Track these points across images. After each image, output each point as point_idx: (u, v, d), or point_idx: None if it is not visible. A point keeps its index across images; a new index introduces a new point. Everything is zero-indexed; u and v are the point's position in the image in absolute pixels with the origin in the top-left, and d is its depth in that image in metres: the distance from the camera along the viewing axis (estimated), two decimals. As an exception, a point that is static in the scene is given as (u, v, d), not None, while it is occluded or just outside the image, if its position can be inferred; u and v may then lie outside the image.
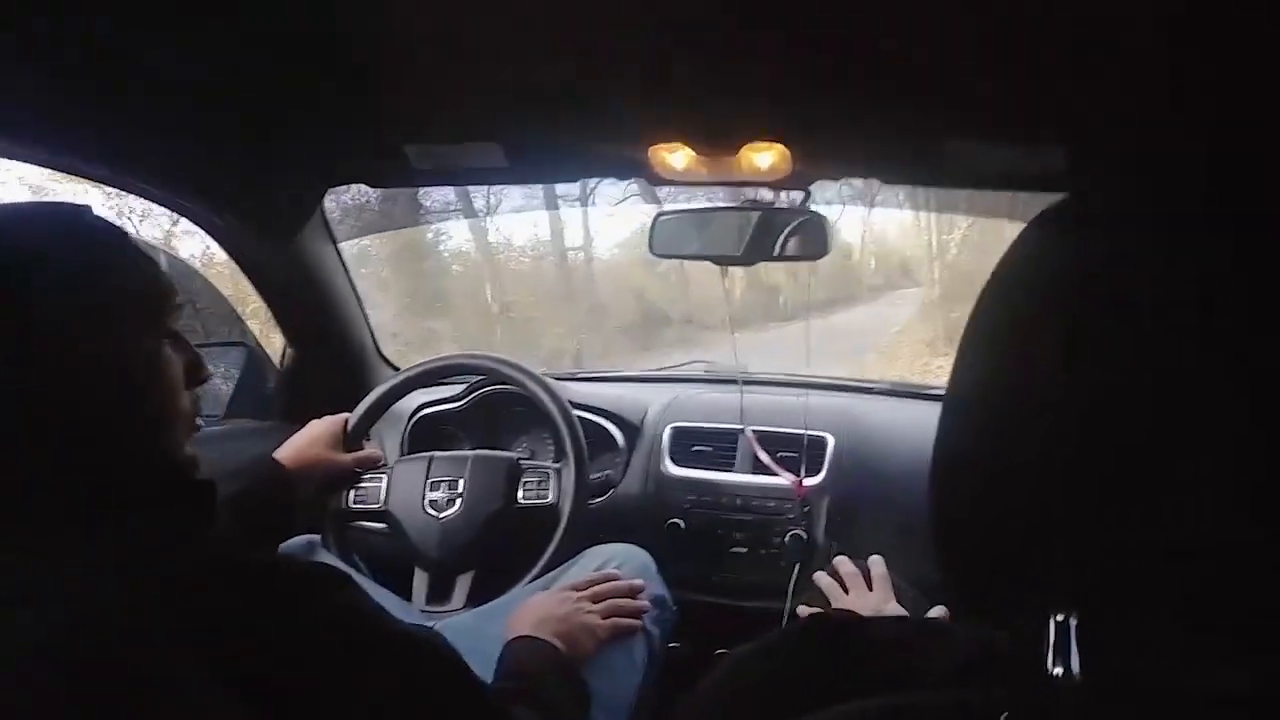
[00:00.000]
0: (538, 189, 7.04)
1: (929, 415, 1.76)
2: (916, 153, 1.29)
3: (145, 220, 3.68)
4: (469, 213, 6.94)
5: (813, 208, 1.49)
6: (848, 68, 1.09)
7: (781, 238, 1.51)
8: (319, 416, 1.67)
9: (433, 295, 7.87)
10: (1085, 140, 1.14)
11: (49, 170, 1.42)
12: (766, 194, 1.53)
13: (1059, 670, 0.47)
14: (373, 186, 1.70)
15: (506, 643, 1.20)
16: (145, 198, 1.56)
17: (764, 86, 1.16)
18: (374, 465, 1.71)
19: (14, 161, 1.31)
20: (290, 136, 1.44)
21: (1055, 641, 0.48)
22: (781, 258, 1.51)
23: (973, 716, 0.49)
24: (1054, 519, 0.48)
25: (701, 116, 1.28)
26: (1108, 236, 0.49)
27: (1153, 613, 0.46)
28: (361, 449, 1.71)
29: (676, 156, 1.37)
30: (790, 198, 1.53)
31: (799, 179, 1.42)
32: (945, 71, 1.07)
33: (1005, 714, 0.46)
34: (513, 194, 7.40)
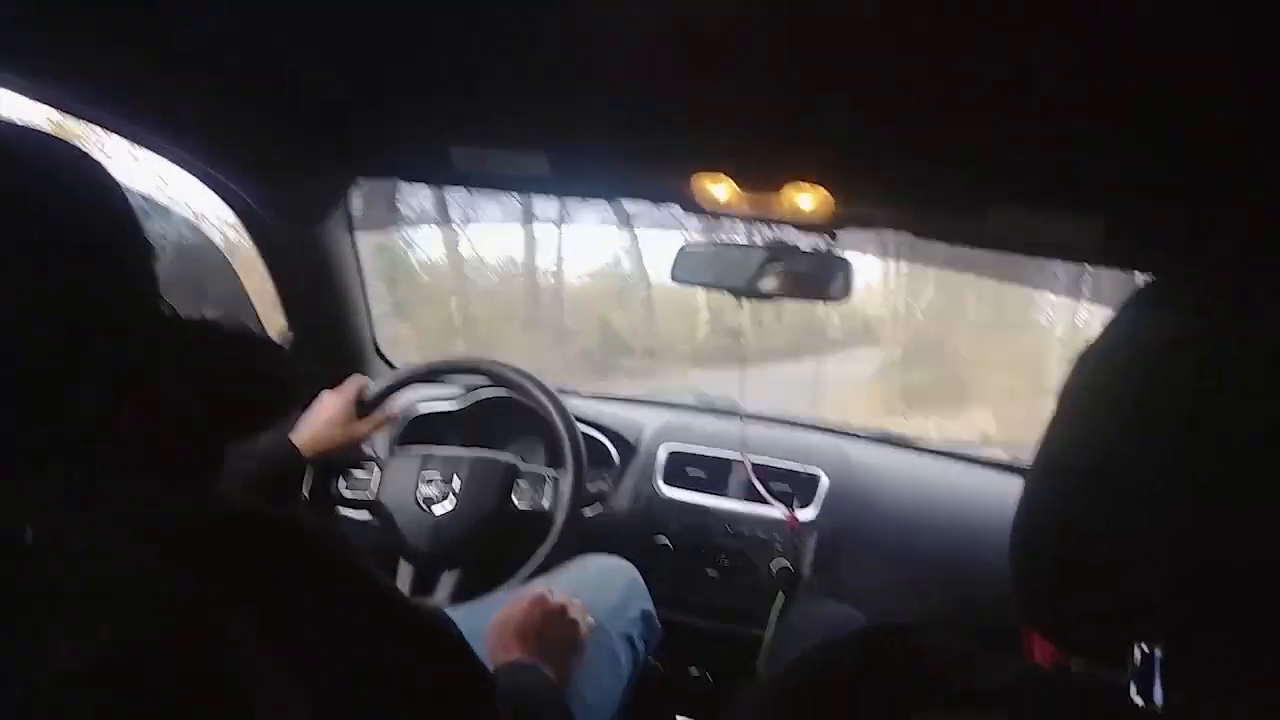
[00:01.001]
0: (515, 208, 7.05)
1: (915, 465, 1.80)
2: (958, 213, 1.33)
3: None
4: (443, 222, 6.91)
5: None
6: (902, 123, 1.14)
7: (803, 277, 1.54)
8: (312, 402, 1.66)
9: (398, 299, 7.80)
10: (1130, 215, 1.19)
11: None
12: (785, 234, 1.57)
13: (1140, 700, 0.50)
14: (407, 181, 1.72)
15: (497, 667, 1.16)
16: (174, 161, 1.56)
17: (817, 130, 1.20)
18: (389, 423, 1.72)
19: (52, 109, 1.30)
20: (334, 122, 1.46)
21: (1139, 671, 0.51)
22: (802, 296, 1.54)
23: None
24: (1143, 550, 0.52)
25: (751, 151, 1.31)
26: (1218, 314, 0.53)
27: (1236, 651, 0.50)
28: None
29: (719, 188, 1.39)
30: (815, 240, 1.58)
31: (834, 223, 1.46)
32: (995, 138, 1.12)
33: None
34: (490, 210, 7.38)
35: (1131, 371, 0.56)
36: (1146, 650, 0.51)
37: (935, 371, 8.26)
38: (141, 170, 1.60)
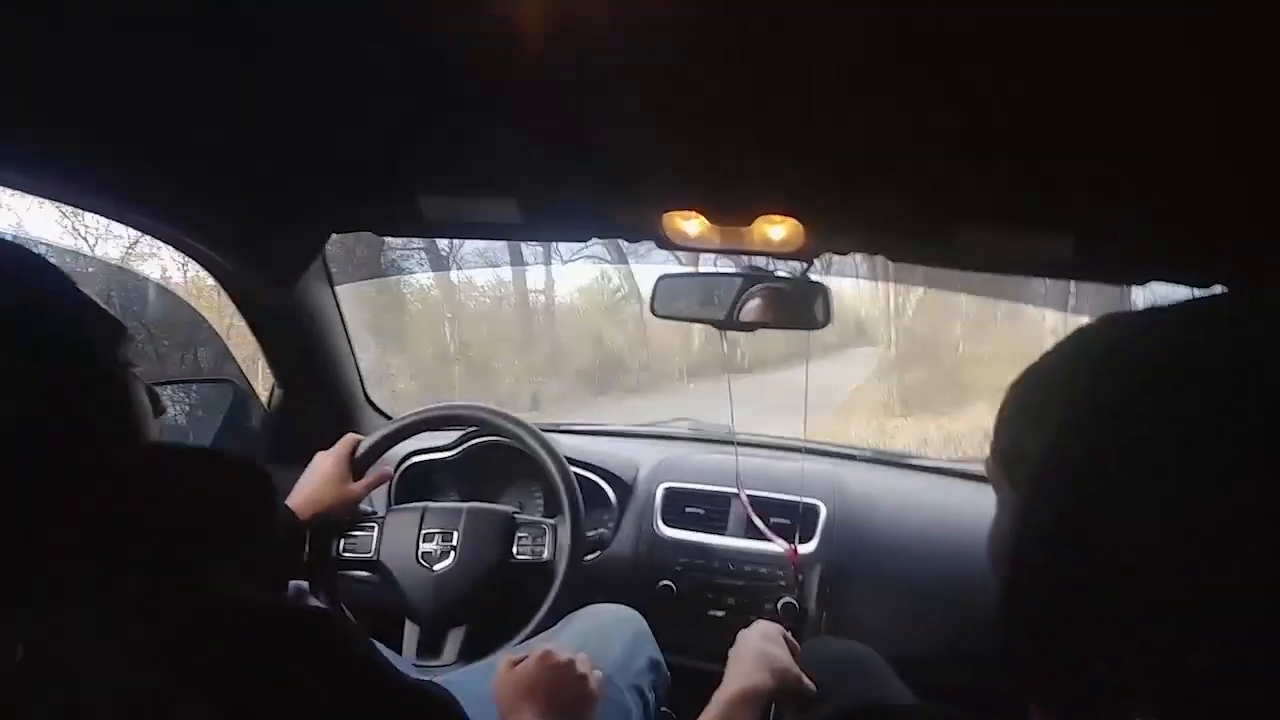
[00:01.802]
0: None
1: (913, 486, 1.79)
2: (926, 235, 1.33)
3: (103, 241, 3.62)
4: (431, 250, 6.92)
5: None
6: (864, 150, 1.13)
7: (783, 306, 1.54)
8: (304, 458, 1.64)
9: (391, 331, 7.81)
10: (1100, 232, 1.19)
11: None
12: (764, 261, 1.56)
13: None
14: (380, 235, 1.71)
15: None
16: (141, 230, 1.55)
17: (782, 163, 1.20)
18: (384, 482, 1.71)
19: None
20: (300, 182, 1.45)
21: None
22: (783, 325, 1.53)
23: None
24: (1144, 624, 0.50)
25: (720, 187, 1.31)
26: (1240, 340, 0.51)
27: None
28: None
29: (690, 224, 1.40)
30: (792, 268, 1.57)
31: (807, 252, 1.45)
32: (956, 160, 1.12)
33: None
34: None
35: (1135, 403, 0.52)
36: None
37: (931, 371, 8.29)
38: (114, 241, 1.60)
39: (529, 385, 8.12)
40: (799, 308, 1.50)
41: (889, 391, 8.20)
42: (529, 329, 9.04)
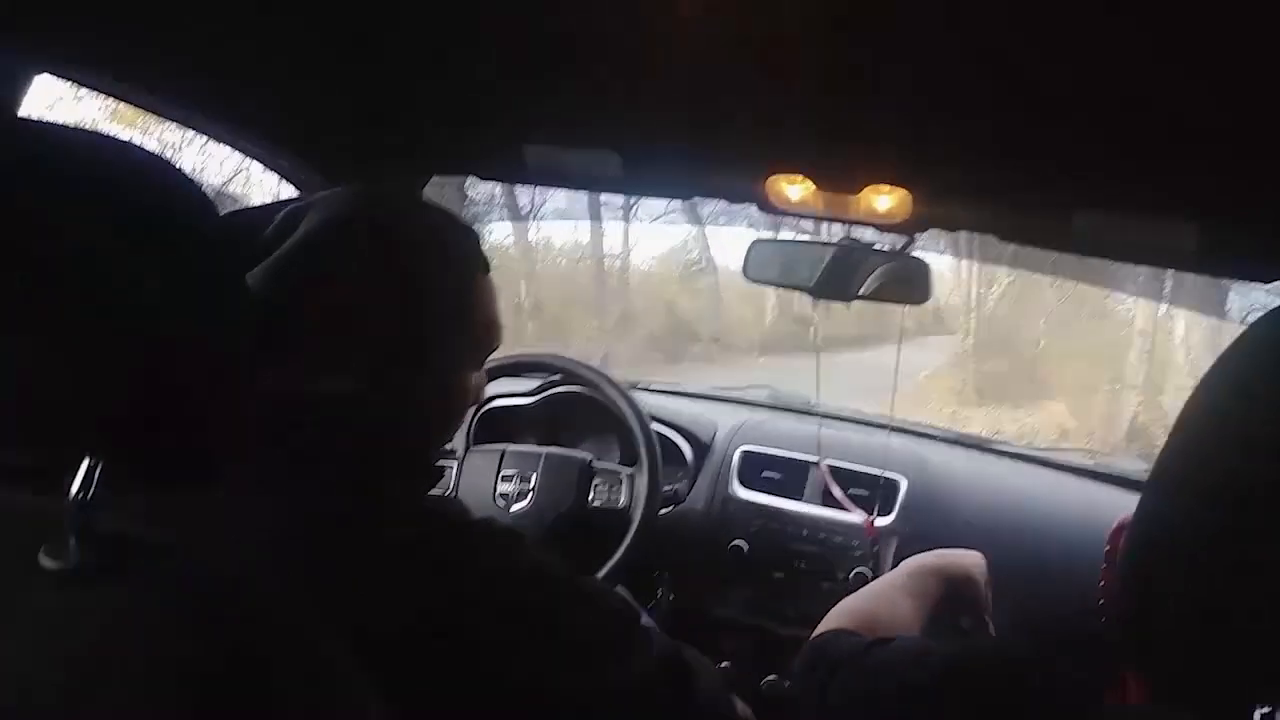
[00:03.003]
0: (582, 195, 7.09)
1: (995, 470, 1.75)
2: (1044, 217, 1.29)
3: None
4: (511, 207, 6.98)
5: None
6: (986, 125, 1.10)
7: (883, 278, 1.51)
8: None
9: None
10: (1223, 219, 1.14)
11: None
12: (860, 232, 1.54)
13: None
14: (482, 179, 1.72)
15: None
16: (254, 158, 1.57)
17: (897, 131, 1.17)
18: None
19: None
20: (410, 120, 1.46)
21: None
22: (881, 298, 1.51)
23: None
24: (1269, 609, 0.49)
25: (830, 152, 1.29)
26: None
27: None
28: None
29: (794, 188, 1.37)
30: (892, 240, 1.54)
31: (913, 224, 1.43)
32: (1084, 139, 1.08)
33: None
34: (557, 197, 7.44)
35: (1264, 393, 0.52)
36: (1267, 713, 0.47)
37: (1009, 362, 8.13)
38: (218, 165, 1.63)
39: (600, 347, 8.17)
40: (899, 281, 1.48)
41: (963, 380, 8.07)
42: (603, 292, 9.08)
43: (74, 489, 0.50)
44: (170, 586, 0.52)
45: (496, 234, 8.64)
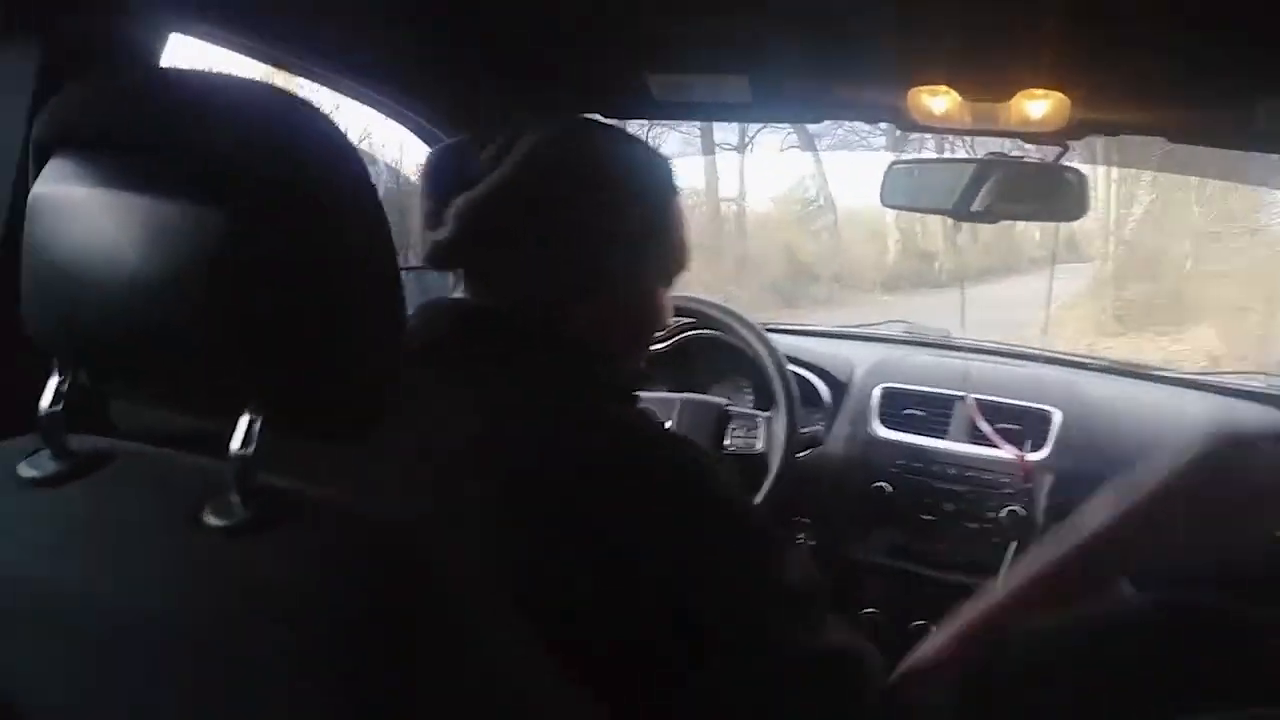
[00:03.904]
0: (695, 137, 7.02)
1: (1156, 397, 1.63)
2: (1219, 110, 1.18)
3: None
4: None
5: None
6: (1149, 15, 1.01)
7: (1033, 194, 1.42)
8: None
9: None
10: None
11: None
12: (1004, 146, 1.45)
13: None
14: (607, 117, 1.68)
15: None
16: (381, 111, 1.57)
17: (1051, 31, 1.08)
18: None
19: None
20: (530, 55, 1.43)
21: None
22: (1031, 216, 1.43)
23: None
24: None
25: (977, 59, 1.20)
26: None
27: None
28: None
29: (938, 100, 1.30)
30: (1042, 152, 1.45)
31: (1069, 131, 1.33)
32: (1269, 19, 0.97)
33: None
34: (671, 139, 7.37)
35: None
36: None
37: (1152, 287, 7.71)
38: (345, 119, 1.63)
39: (719, 293, 8.12)
40: (1051, 195, 1.39)
41: (1101, 309, 7.69)
42: (719, 237, 8.98)
43: (235, 446, 0.49)
44: (331, 540, 0.52)
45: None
